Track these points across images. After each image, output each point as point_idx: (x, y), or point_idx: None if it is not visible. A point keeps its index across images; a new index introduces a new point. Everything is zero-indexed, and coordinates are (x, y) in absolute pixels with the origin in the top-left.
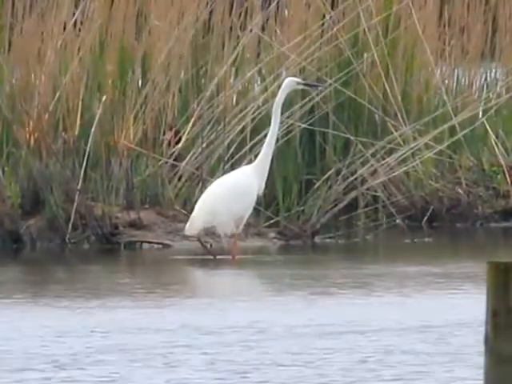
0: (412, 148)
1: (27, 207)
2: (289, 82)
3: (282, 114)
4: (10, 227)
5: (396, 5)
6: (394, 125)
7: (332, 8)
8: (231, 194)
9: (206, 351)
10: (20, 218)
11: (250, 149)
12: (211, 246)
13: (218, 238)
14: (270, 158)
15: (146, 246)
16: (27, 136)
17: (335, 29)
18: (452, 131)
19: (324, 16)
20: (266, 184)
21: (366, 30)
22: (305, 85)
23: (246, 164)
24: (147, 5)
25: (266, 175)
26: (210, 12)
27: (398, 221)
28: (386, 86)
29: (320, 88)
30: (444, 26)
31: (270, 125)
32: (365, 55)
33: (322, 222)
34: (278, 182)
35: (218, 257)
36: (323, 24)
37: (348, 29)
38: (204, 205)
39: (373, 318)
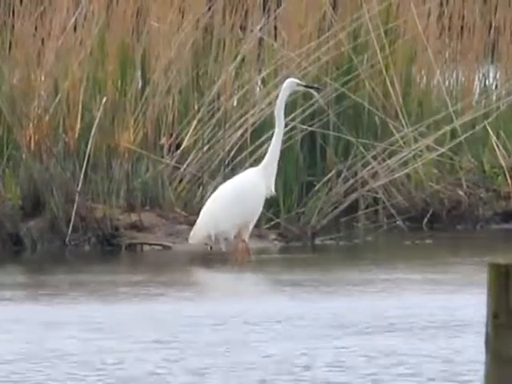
0: (413, 150)
1: (28, 209)
2: (289, 83)
3: (284, 116)
4: (10, 229)
5: (395, 5)
6: (395, 126)
7: (333, 10)
8: (233, 202)
9: (208, 351)
10: (20, 220)
11: (251, 152)
12: (211, 248)
13: (221, 244)
14: (277, 159)
15: (146, 247)
16: (27, 138)
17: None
18: (453, 133)
19: (324, 15)
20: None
21: (370, 26)
22: (305, 86)
23: (247, 167)
24: (147, 6)
25: (274, 176)
26: (211, 14)
27: (398, 222)
28: (389, 85)
29: (320, 90)
30: (443, 28)
31: (271, 128)
32: (365, 56)
33: (322, 224)
34: (279, 184)
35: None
36: (324, 27)
37: (349, 30)
38: (207, 212)
39: (373, 319)
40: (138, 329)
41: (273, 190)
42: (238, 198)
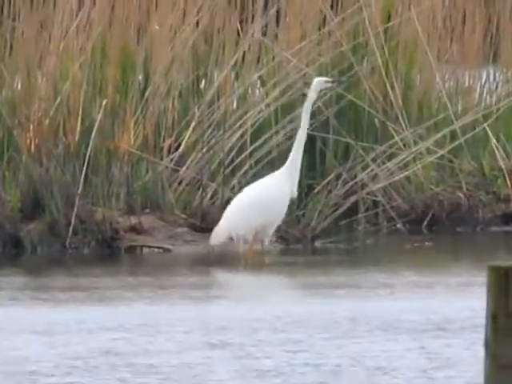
0: (413, 152)
1: (27, 212)
2: (318, 82)
3: (283, 117)
4: (10, 231)
5: (396, 6)
6: (395, 128)
7: (332, 11)
8: (255, 205)
9: (210, 353)
10: (20, 223)
11: (251, 153)
12: (213, 249)
13: (242, 246)
14: (299, 160)
15: (146, 250)
16: (28, 141)
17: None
18: (453, 135)
19: (325, 19)
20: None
21: (369, 29)
22: (333, 82)
23: (247, 168)
24: (148, 9)
25: (297, 178)
26: (211, 16)
27: (398, 225)
28: (388, 88)
29: (344, 83)
30: (443, 29)
31: (270, 129)
32: (365, 59)
33: (322, 227)
34: None
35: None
36: (324, 26)
37: (349, 32)
38: (229, 214)
39: (372, 321)
40: (140, 330)
41: (295, 191)
42: (261, 202)
